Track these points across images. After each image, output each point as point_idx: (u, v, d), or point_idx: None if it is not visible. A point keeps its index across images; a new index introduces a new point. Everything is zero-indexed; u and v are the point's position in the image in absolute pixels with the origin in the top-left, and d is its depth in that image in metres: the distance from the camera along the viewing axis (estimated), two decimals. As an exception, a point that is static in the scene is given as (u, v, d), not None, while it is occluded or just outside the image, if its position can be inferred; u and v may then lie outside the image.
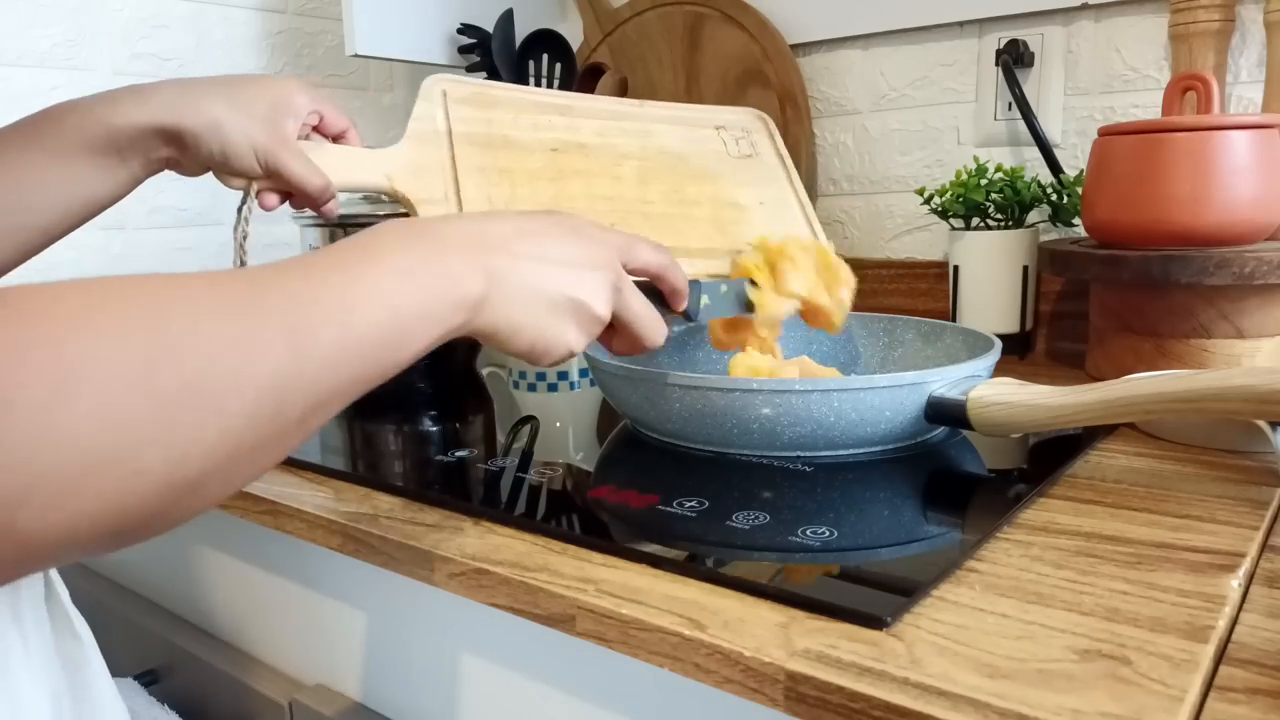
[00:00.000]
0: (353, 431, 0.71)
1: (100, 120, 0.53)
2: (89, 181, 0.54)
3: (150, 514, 0.27)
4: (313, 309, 0.31)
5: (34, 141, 0.53)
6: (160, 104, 0.54)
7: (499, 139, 0.67)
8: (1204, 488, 0.50)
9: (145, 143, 0.54)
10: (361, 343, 0.33)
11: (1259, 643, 0.35)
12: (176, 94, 0.54)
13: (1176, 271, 0.65)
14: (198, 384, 0.27)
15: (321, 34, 1.23)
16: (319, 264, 0.33)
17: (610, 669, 0.44)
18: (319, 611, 0.60)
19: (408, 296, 0.35)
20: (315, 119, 0.60)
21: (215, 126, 0.54)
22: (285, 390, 0.30)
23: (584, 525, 0.48)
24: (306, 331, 0.31)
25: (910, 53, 0.99)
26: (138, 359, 0.26)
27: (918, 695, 0.31)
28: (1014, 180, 0.82)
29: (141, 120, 0.53)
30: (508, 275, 0.40)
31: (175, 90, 0.55)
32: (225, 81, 0.56)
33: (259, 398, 0.29)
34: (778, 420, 0.54)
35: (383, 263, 0.35)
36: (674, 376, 0.56)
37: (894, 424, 0.55)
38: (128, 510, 0.26)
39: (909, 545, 0.44)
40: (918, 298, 0.99)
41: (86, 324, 0.26)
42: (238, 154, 0.55)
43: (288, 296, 0.31)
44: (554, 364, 0.44)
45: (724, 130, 0.79)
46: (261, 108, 0.56)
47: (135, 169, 0.55)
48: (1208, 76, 0.69)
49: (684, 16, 1.09)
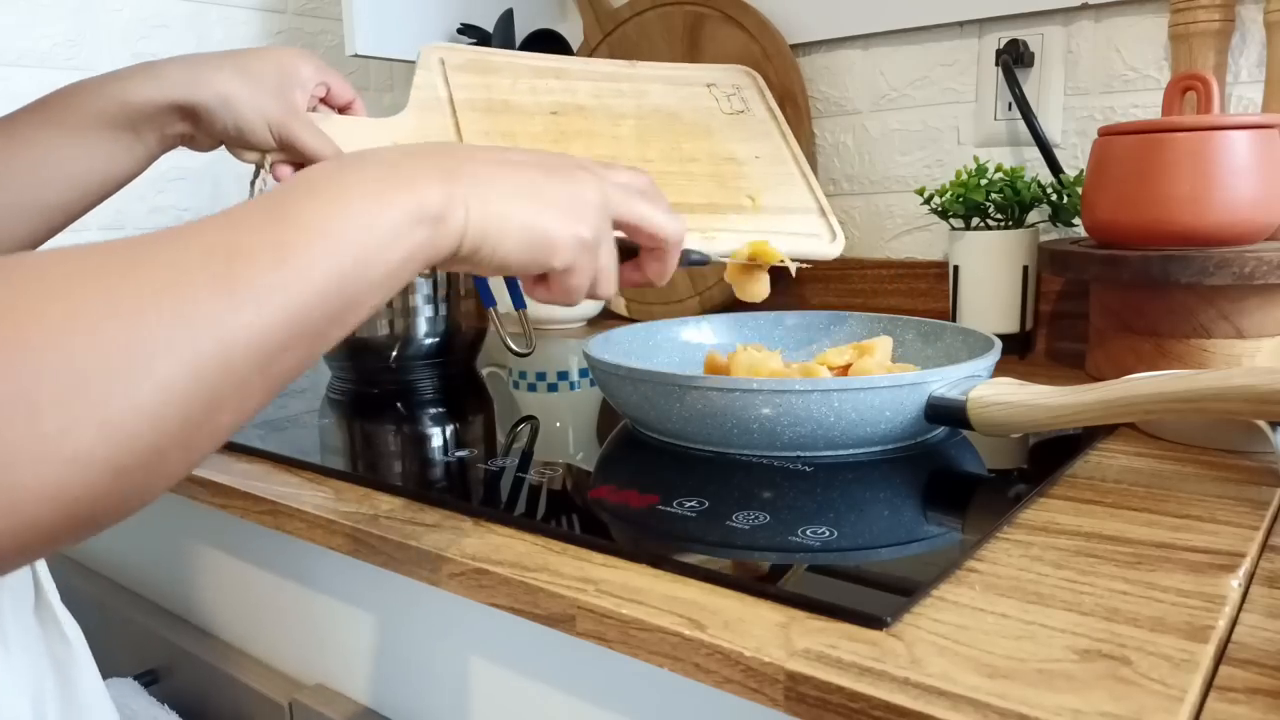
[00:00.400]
0: (353, 431, 0.71)
1: (114, 97, 0.53)
2: (106, 158, 0.54)
3: (105, 497, 0.25)
4: (240, 254, 0.29)
5: (50, 120, 0.53)
6: (174, 80, 0.54)
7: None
8: (1204, 488, 0.50)
9: (160, 118, 0.54)
10: (305, 280, 0.30)
11: (1259, 643, 0.35)
12: (188, 70, 0.55)
13: (1176, 271, 0.65)
14: (119, 351, 0.25)
15: (321, 34, 1.23)
16: (245, 209, 0.31)
17: (610, 669, 0.44)
18: (319, 611, 0.60)
19: (350, 220, 0.32)
20: (322, 90, 0.60)
21: (228, 101, 0.54)
22: (227, 343, 0.27)
23: (584, 525, 0.48)
24: (237, 278, 0.28)
25: (910, 53, 0.99)
26: (49, 336, 0.24)
27: (918, 695, 0.31)
28: (1014, 180, 0.82)
29: (156, 96, 0.54)
30: (471, 177, 0.37)
31: (186, 66, 0.55)
32: (233, 55, 0.57)
33: (196, 354, 0.27)
34: (778, 420, 0.54)
35: (317, 195, 0.32)
36: (674, 376, 0.56)
37: (894, 424, 0.55)
38: (78, 500, 0.25)
39: (909, 545, 0.44)
40: (918, 298, 0.99)
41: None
42: (251, 127, 0.55)
43: (211, 246, 0.29)
44: (570, 276, 0.40)
45: (715, 87, 0.80)
46: (270, 80, 0.56)
47: (151, 145, 0.55)
48: (1208, 76, 0.69)
49: (684, 16, 1.09)
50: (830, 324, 0.77)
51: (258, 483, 0.57)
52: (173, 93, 0.53)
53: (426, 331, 0.84)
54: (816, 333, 0.78)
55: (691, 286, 1.12)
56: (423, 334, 0.84)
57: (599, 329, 0.95)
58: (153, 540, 0.74)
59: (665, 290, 1.15)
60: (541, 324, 1.12)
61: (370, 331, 0.83)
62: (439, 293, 0.84)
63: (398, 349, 0.84)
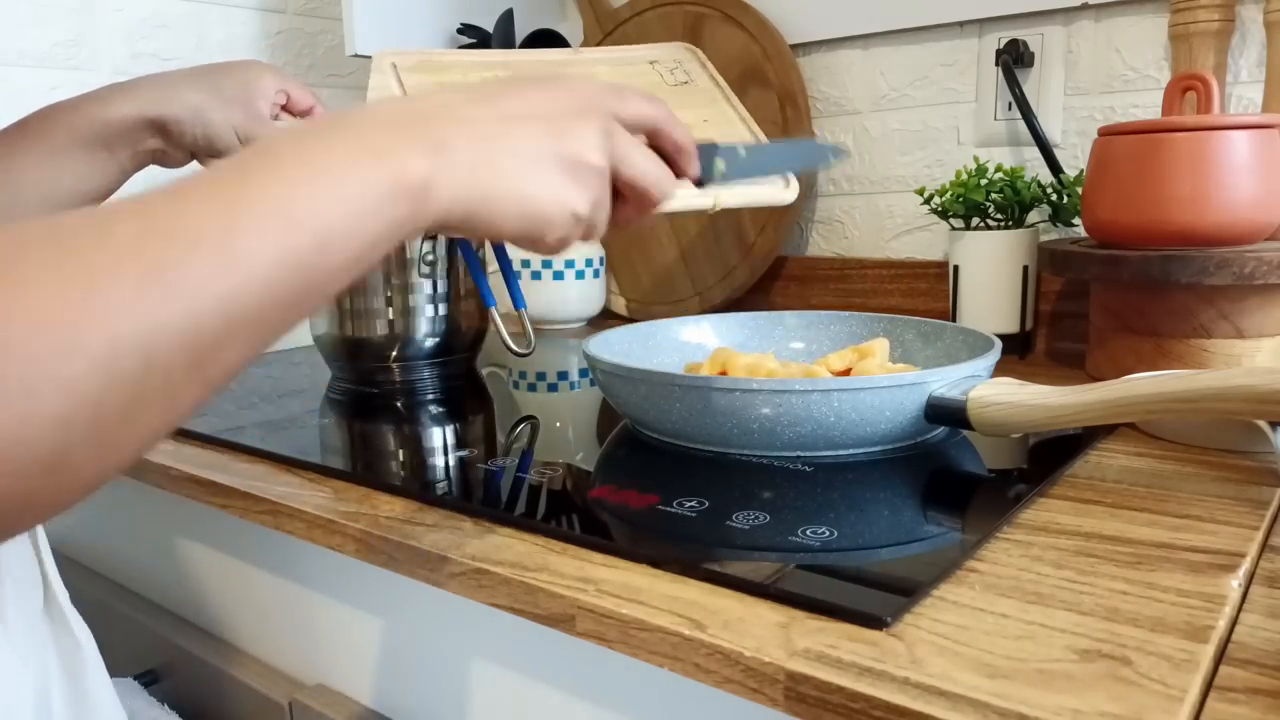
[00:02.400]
0: (353, 431, 0.71)
1: (90, 116, 0.56)
2: (81, 176, 0.56)
3: (10, 505, 0.24)
4: (177, 237, 0.26)
5: (26, 141, 0.55)
6: (146, 97, 0.56)
7: None
8: (1204, 488, 0.50)
9: (133, 135, 0.56)
10: (251, 268, 0.27)
11: (1259, 643, 0.35)
12: (158, 86, 0.57)
13: (1176, 271, 0.65)
14: (22, 347, 0.23)
15: (321, 34, 1.23)
16: (194, 183, 0.28)
17: (610, 669, 0.44)
18: (319, 611, 0.60)
19: (314, 199, 0.28)
20: (283, 98, 0.63)
21: (197, 112, 0.57)
22: (151, 339, 0.25)
23: (584, 525, 0.48)
24: (168, 266, 0.25)
25: (910, 53, 0.99)
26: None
27: (918, 695, 0.31)
28: (1014, 180, 0.82)
29: (130, 113, 0.56)
30: (460, 142, 0.33)
31: (156, 83, 0.57)
32: (197, 71, 0.59)
33: (112, 350, 0.24)
34: (778, 420, 0.54)
35: (277, 167, 0.29)
36: (674, 376, 0.56)
37: (894, 424, 0.55)
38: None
39: (909, 545, 0.44)
40: (918, 298, 0.99)
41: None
42: (220, 136, 0.58)
43: (145, 228, 0.26)
44: (560, 244, 0.37)
45: (658, 64, 0.85)
46: (234, 91, 0.59)
47: (124, 161, 0.57)
48: (1208, 76, 0.69)
49: (684, 16, 1.09)
50: (830, 324, 0.77)
51: (258, 483, 0.57)
52: (145, 109, 0.56)
53: (426, 331, 0.84)
54: (817, 332, 0.78)
55: (691, 286, 1.12)
56: (423, 334, 0.84)
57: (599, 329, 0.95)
58: (153, 540, 0.74)
59: (665, 290, 1.15)
60: (541, 324, 1.12)
61: (370, 331, 0.83)
62: (439, 292, 0.84)
63: (398, 349, 0.84)
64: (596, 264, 1.13)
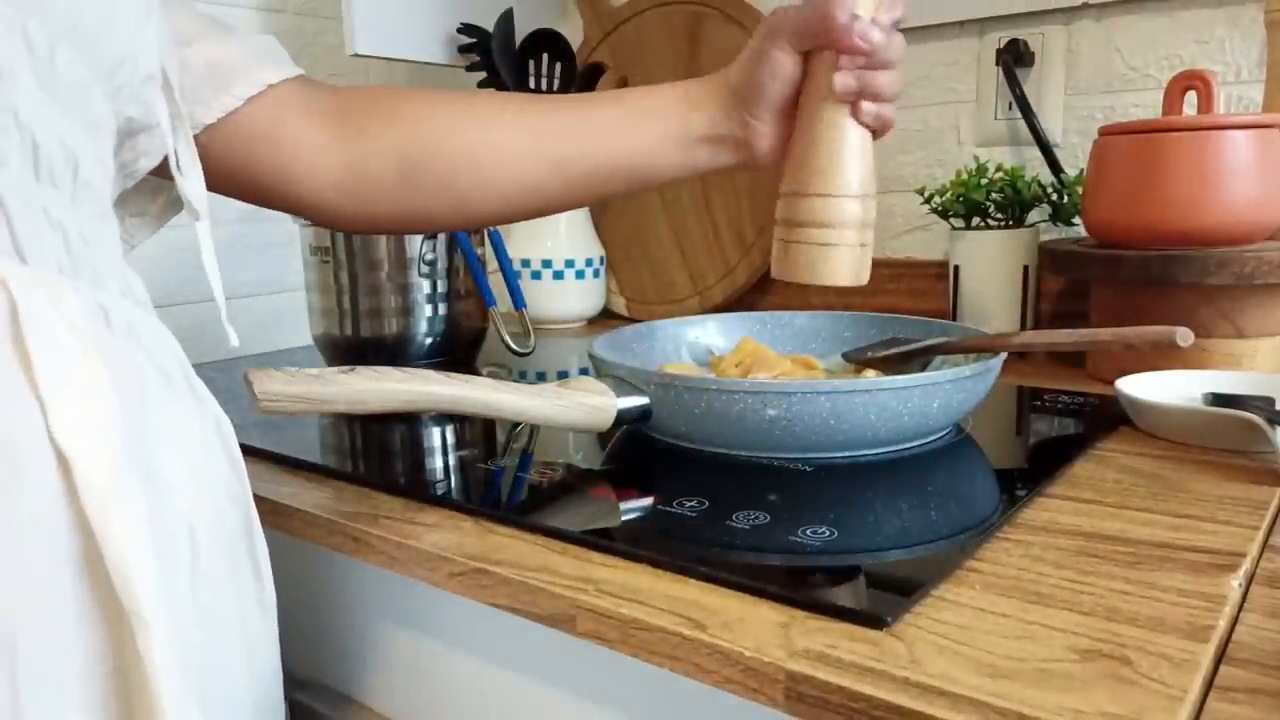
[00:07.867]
0: (353, 431, 0.71)
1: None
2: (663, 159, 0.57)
3: None
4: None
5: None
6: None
7: None
8: (1204, 488, 0.50)
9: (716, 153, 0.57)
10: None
11: (1259, 643, 0.35)
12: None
13: (1176, 271, 0.65)
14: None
15: (321, 34, 1.23)
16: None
17: (610, 669, 0.44)
18: (319, 611, 0.60)
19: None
20: None
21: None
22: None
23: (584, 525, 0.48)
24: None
25: (910, 53, 0.99)
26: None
27: (918, 695, 0.31)
28: (1014, 180, 0.82)
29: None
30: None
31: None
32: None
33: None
34: (778, 421, 0.54)
35: None
36: (675, 377, 0.56)
37: (895, 425, 0.55)
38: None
39: (909, 545, 0.44)
40: (918, 298, 0.99)
41: None
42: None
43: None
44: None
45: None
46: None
47: (699, 162, 0.58)
48: (1208, 76, 0.69)
49: (684, 16, 1.09)
50: (830, 324, 0.77)
51: (258, 483, 0.57)
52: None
53: (426, 331, 0.84)
54: (816, 332, 0.78)
55: (691, 286, 1.12)
56: (423, 334, 0.84)
57: (599, 329, 0.95)
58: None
59: (665, 290, 1.15)
60: (541, 324, 1.12)
61: (370, 331, 0.83)
62: (439, 292, 0.84)
63: (398, 349, 0.84)
64: (596, 264, 1.13)
